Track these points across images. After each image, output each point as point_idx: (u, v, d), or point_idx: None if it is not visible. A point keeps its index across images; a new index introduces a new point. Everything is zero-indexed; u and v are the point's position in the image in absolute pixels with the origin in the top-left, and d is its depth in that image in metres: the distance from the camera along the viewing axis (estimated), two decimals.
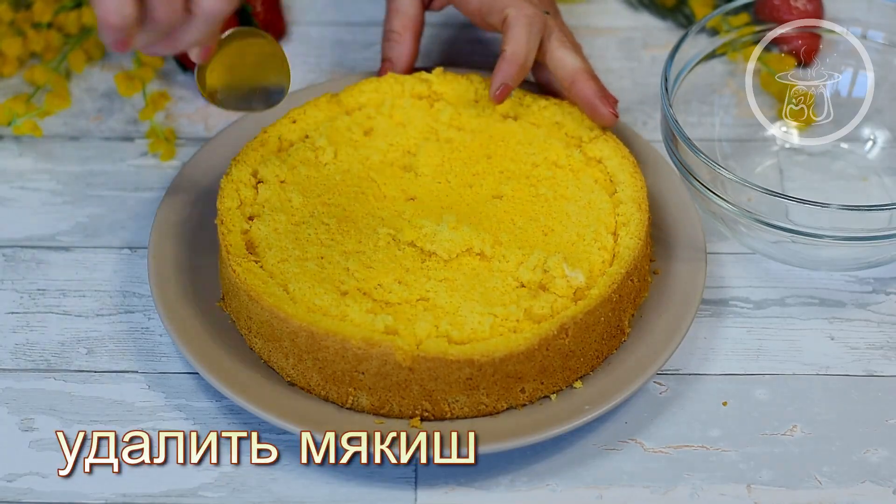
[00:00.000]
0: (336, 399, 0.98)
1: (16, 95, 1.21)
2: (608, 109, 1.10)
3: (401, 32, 1.17)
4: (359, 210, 1.06)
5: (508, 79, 1.10)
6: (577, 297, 1.00)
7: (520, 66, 1.10)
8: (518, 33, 1.10)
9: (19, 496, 0.97)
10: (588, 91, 1.10)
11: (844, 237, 1.04)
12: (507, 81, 1.10)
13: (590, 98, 1.10)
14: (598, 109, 1.10)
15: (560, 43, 1.11)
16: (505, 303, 0.99)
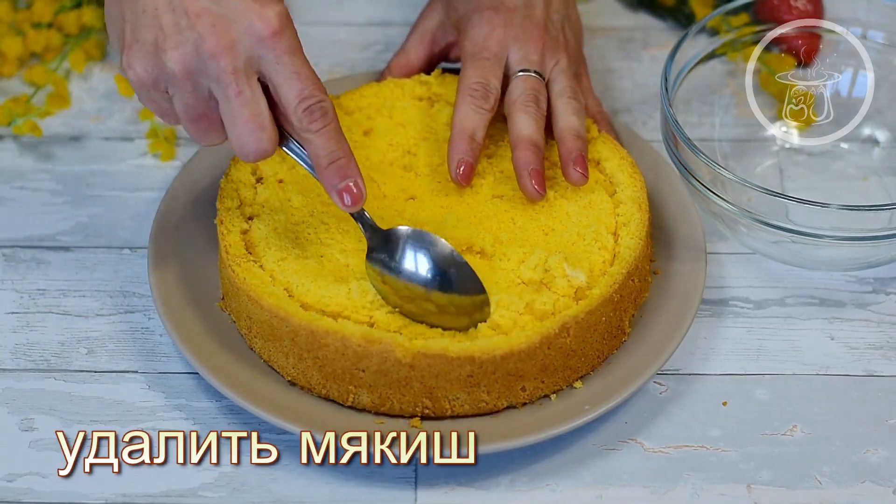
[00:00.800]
0: (336, 397, 0.98)
1: (16, 95, 1.21)
2: (532, 184, 1.03)
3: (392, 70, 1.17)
4: None
5: (460, 152, 1.05)
6: (577, 296, 1.00)
7: (468, 137, 1.06)
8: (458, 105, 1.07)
9: (19, 496, 0.97)
10: (519, 161, 1.04)
11: (844, 237, 1.04)
12: (460, 155, 1.05)
13: (518, 168, 1.04)
14: (522, 180, 1.04)
15: (522, 106, 1.06)
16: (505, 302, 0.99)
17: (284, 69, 0.93)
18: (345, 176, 0.95)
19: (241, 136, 0.93)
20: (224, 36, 0.91)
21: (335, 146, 0.95)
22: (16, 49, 1.24)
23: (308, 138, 0.94)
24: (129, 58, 0.93)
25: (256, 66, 0.93)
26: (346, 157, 0.95)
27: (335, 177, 0.95)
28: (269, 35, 0.92)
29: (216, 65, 0.91)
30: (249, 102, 0.92)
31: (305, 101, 0.93)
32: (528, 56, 1.09)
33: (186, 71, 0.92)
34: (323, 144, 0.94)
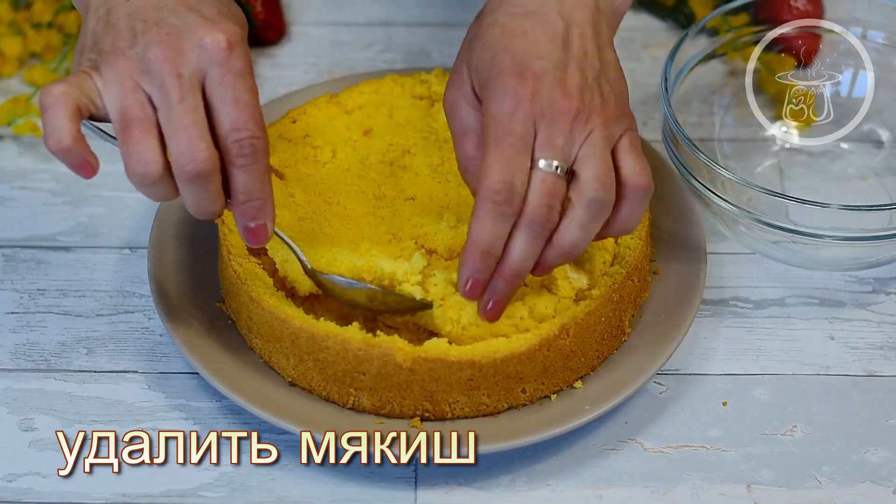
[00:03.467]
0: (337, 399, 0.98)
1: (16, 96, 1.21)
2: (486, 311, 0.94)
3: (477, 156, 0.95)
4: (358, 209, 1.06)
5: (474, 272, 0.92)
6: (578, 297, 1.00)
7: (483, 254, 0.92)
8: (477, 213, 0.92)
9: (19, 496, 0.97)
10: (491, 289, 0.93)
11: (844, 237, 1.04)
12: (474, 275, 0.92)
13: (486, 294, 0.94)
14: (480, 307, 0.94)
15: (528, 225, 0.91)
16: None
17: (225, 92, 0.90)
18: (255, 217, 0.94)
19: (179, 144, 0.89)
20: (174, 44, 0.90)
21: (256, 186, 0.92)
22: (16, 49, 1.24)
23: (231, 170, 0.92)
24: (82, 60, 0.92)
25: (200, 81, 0.91)
26: (263, 199, 0.93)
27: (247, 216, 0.93)
28: (216, 53, 0.90)
29: (160, 69, 0.90)
30: (192, 110, 0.90)
31: (238, 133, 0.91)
32: (552, 140, 0.92)
33: (128, 74, 0.90)
34: (244, 181, 0.92)
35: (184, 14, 0.91)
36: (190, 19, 0.91)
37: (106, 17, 0.92)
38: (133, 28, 0.91)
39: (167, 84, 0.90)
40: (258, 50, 1.30)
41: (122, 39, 0.91)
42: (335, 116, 1.13)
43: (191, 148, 0.90)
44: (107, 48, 0.91)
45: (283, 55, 1.30)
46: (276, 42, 1.31)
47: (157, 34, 0.90)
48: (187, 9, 0.92)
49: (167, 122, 0.90)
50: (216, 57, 0.90)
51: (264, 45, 1.30)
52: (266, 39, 1.30)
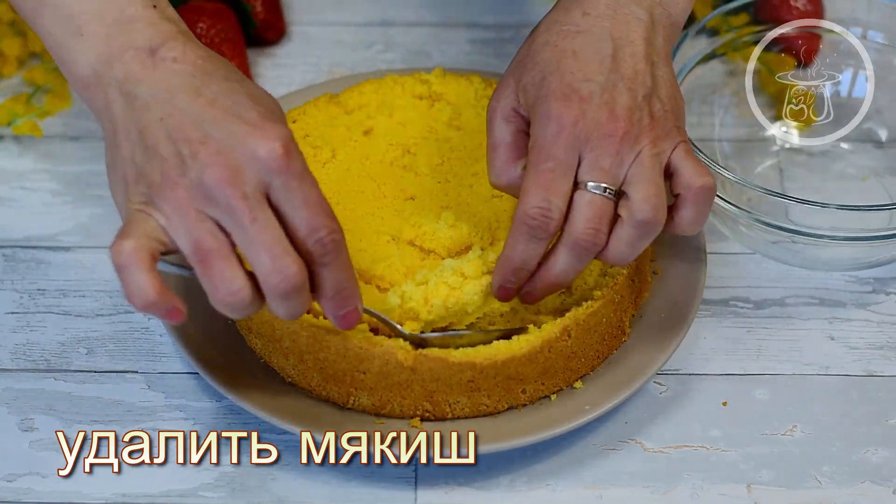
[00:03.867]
0: (337, 399, 0.98)
1: (16, 95, 1.21)
2: None
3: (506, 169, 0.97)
4: (358, 209, 1.06)
5: (505, 282, 0.95)
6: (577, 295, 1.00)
7: (514, 269, 0.95)
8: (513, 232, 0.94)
9: (19, 496, 0.97)
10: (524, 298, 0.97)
11: (844, 237, 1.04)
12: (505, 284, 0.96)
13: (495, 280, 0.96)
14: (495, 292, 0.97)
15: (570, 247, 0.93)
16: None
17: (294, 197, 0.87)
18: (346, 306, 0.91)
19: (265, 265, 0.86)
20: (229, 163, 0.85)
21: (343, 276, 0.90)
22: (16, 49, 1.24)
23: (316, 270, 0.89)
24: (133, 195, 0.88)
25: (265, 193, 0.86)
26: (351, 286, 0.91)
27: (338, 306, 0.91)
28: (274, 161, 0.86)
29: (224, 193, 0.85)
30: (267, 227, 0.86)
31: (317, 233, 0.87)
32: (598, 162, 0.92)
33: (191, 206, 0.86)
34: (331, 277, 0.89)
35: (226, 124, 0.87)
36: (234, 128, 0.86)
37: (142, 142, 0.87)
38: (179, 153, 0.86)
39: (234, 207, 0.85)
40: (258, 50, 1.30)
41: (171, 168, 0.86)
42: (335, 116, 1.13)
43: (278, 266, 0.86)
44: (156, 179, 0.86)
45: (283, 55, 1.30)
46: (276, 42, 1.31)
47: (208, 155, 0.85)
48: (228, 116, 0.87)
49: (246, 245, 0.86)
50: (275, 166, 0.86)
51: (264, 45, 1.30)
52: (266, 39, 1.30)
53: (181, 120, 0.87)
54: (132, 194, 0.88)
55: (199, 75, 0.88)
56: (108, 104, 0.89)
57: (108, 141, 0.90)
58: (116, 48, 0.89)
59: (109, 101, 0.89)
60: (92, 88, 0.89)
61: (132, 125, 0.88)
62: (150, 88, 0.88)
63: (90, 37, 0.89)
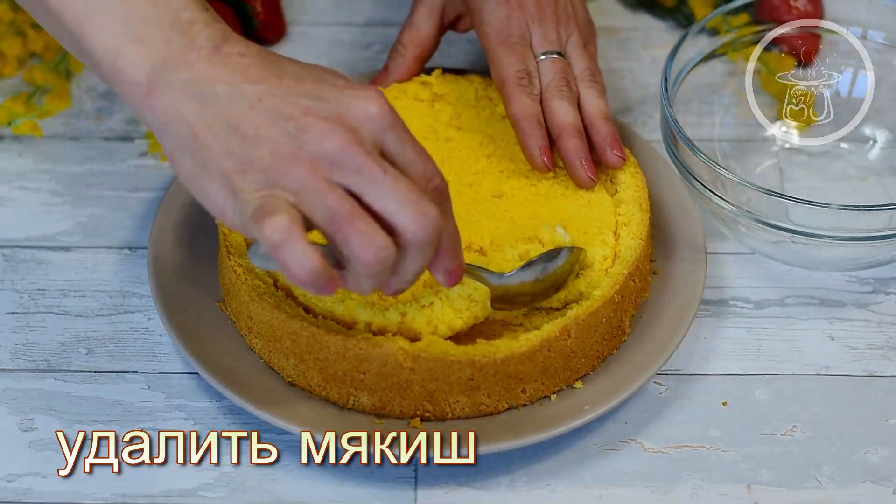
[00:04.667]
0: (337, 399, 0.98)
1: (16, 95, 1.21)
2: (585, 173, 1.06)
3: (406, 46, 1.15)
4: None
5: (534, 138, 1.07)
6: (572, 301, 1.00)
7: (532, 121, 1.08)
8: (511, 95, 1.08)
9: (19, 496, 0.97)
10: (569, 151, 1.06)
11: (844, 237, 1.04)
12: (540, 143, 1.07)
13: (569, 157, 1.06)
14: (575, 170, 1.06)
15: (557, 92, 1.08)
16: None
17: (407, 148, 0.88)
18: (457, 257, 0.91)
19: (405, 214, 0.85)
20: (343, 126, 0.86)
21: (454, 226, 0.91)
22: (16, 49, 1.24)
23: None
24: (245, 185, 0.85)
25: (380, 148, 0.87)
26: (457, 237, 0.91)
27: (451, 258, 0.90)
28: (385, 117, 0.87)
29: (350, 156, 0.85)
30: (398, 178, 0.86)
31: (432, 181, 0.88)
32: (547, 36, 1.10)
33: (317, 176, 0.85)
34: (447, 225, 0.90)
35: (324, 93, 0.87)
36: (333, 95, 0.87)
37: (236, 133, 0.86)
38: (286, 131, 0.85)
39: (363, 166, 0.85)
40: None
41: (283, 145, 0.85)
42: None
43: (422, 209, 0.86)
44: (268, 161, 0.85)
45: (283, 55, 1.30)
46: (276, 42, 1.31)
47: (319, 124, 0.85)
48: (322, 86, 0.88)
49: (382, 199, 0.86)
50: (386, 121, 0.87)
51: (264, 45, 1.30)
52: (266, 39, 1.30)
53: (274, 102, 0.86)
54: (244, 185, 0.85)
55: (269, 63, 0.89)
56: (178, 109, 0.86)
57: (186, 147, 0.87)
58: (178, 50, 0.87)
59: (179, 106, 0.86)
60: (155, 94, 0.87)
61: (217, 121, 0.86)
62: (227, 84, 0.87)
63: (150, 41, 0.87)
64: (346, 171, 0.85)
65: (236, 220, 0.86)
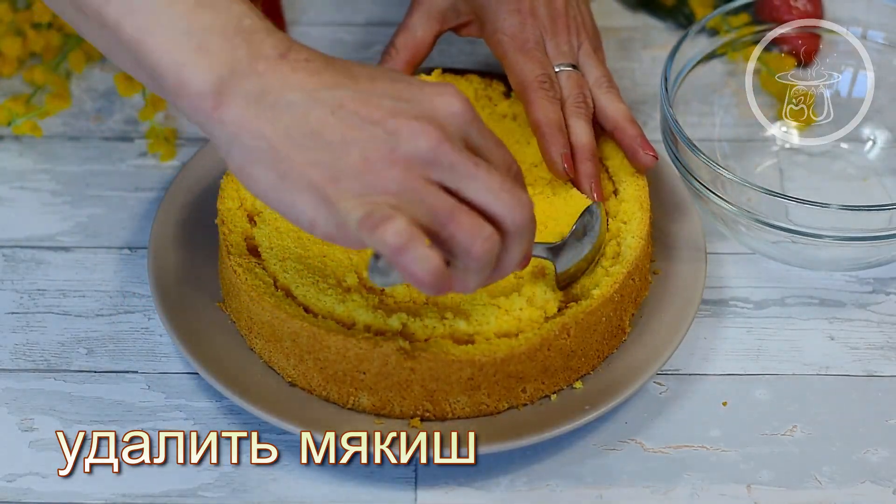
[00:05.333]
0: (337, 399, 0.98)
1: (16, 95, 1.21)
2: (593, 195, 1.06)
3: (399, 49, 1.12)
4: None
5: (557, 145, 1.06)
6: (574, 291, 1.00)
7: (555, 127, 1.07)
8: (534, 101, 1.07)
9: (19, 496, 0.97)
10: (582, 174, 1.06)
11: (844, 237, 1.04)
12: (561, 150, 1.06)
13: (581, 180, 1.06)
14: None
15: (575, 109, 1.08)
16: (506, 292, 0.99)
17: (488, 140, 0.88)
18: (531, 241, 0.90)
19: (503, 203, 0.86)
20: (432, 125, 0.85)
21: None
22: (16, 49, 1.24)
23: None
24: (340, 194, 0.84)
25: (465, 142, 0.87)
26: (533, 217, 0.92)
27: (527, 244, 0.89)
28: (469, 112, 0.87)
29: (444, 153, 0.85)
30: (490, 170, 0.86)
31: (512, 168, 0.90)
32: (560, 47, 1.10)
33: (413, 176, 0.84)
34: None
35: (404, 92, 0.87)
36: (414, 94, 0.87)
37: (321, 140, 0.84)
38: (374, 133, 0.84)
39: (457, 162, 0.85)
40: None
41: (374, 149, 0.84)
42: None
43: (517, 197, 0.86)
44: (361, 166, 0.84)
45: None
46: None
47: (408, 124, 0.85)
48: (399, 85, 0.87)
49: (479, 192, 0.86)
50: (469, 117, 0.87)
51: None
52: None
53: (356, 105, 0.85)
54: (338, 194, 0.84)
55: (339, 67, 0.87)
56: (250, 120, 0.84)
57: (262, 159, 0.84)
58: (245, 60, 0.85)
59: (251, 117, 0.84)
60: (224, 106, 0.84)
61: (296, 130, 0.84)
62: (301, 91, 0.85)
63: (215, 52, 0.84)
64: (440, 168, 0.85)
65: (331, 229, 0.85)
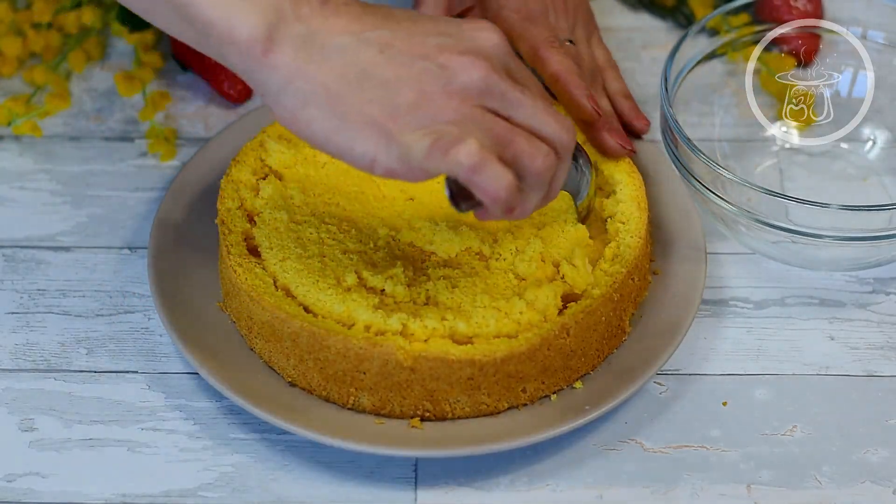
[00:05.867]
0: (337, 399, 0.98)
1: (16, 95, 1.21)
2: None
3: None
4: (358, 210, 1.06)
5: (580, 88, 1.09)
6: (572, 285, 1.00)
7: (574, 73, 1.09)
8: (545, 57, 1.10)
9: (19, 496, 0.97)
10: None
11: (844, 237, 1.04)
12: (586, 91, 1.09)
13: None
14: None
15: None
16: (507, 296, 0.99)
17: (524, 70, 0.93)
18: None
19: (552, 124, 0.91)
20: (479, 57, 0.89)
21: None
22: (16, 49, 1.24)
23: None
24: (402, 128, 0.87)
25: (507, 73, 0.92)
26: None
27: None
28: (506, 44, 0.92)
29: (495, 83, 0.89)
30: (535, 96, 0.91)
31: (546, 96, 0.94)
32: (559, 24, 1.13)
33: (469, 106, 0.88)
34: None
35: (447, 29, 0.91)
36: (456, 30, 0.91)
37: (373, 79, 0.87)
38: (426, 69, 0.88)
39: (507, 90, 0.90)
40: None
41: (429, 84, 0.88)
42: None
43: (561, 121, 0.92)
44: (418, 101, 0.88)
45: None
46: None
47: (458, 58, 0.89)
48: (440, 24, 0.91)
49: (529, 117, 0.91)
50: (507, 47, 0.92)
51: None
52: None
53: (404, 44, 0.89)
54: (400, 129, 0.87)
55: (378, 10, 0.91)
56: (301, 64, 0.87)
57: (316, 102, 0.87)
58: (289, 6, 0.87)
59: (302, 61, 0.87)
60: (275, 51, 0.87)
61: (350, 72, 0.88)
62: (348, 34, 0.88)
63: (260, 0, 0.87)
64: (493, 97, 0.89)
65: (393, 163, 0.87)
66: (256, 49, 0.87)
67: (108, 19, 1.26)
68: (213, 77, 1.22)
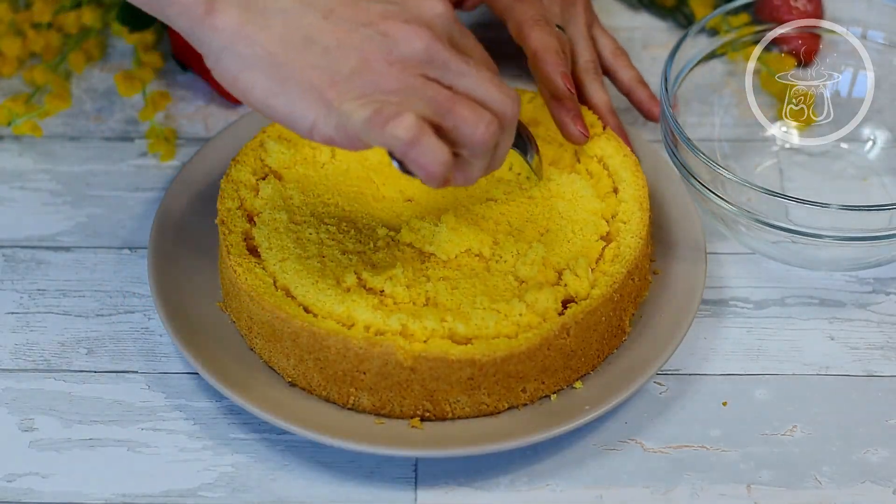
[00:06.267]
0: (337, 399, 0.98)
1: (16, 95, 1.21)
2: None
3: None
4: (358, 210, 1.06)
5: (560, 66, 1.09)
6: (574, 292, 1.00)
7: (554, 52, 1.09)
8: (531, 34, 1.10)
9: (19, 496, 0.97)
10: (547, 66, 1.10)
11: (844, 237, 1.04)
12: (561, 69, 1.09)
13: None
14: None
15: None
16: (507, 298, 0.99)
17: (469, 39, 0.93)
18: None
19: (496, 94, 0.90)
20: (420, 25, 0.89)
21: None
22: (16, 49, 1.24)
23: None
24: (342, 95, 0.87)
25: (451, 42, 0.91)
26: None
27: None
28: (450, 12, 0.91)
29: (437, 52, 0.89)
30: (478, 66, 0.91)
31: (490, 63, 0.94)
32: (552, 8, 1.14)
33: (411, 75, 0.88)
34: None
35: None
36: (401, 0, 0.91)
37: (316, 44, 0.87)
38: (369, 36, 0.88)
39: (449, 59, 0.89)
40: None
41: (371, 52, 0.88)
42: None
43: (504, 90, 0.91)
44: (360, 68, 0.87)
45: None
46: None
47: (400, 26, 0.88)
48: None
49: (471, 86, 0.90)
50: (451, 16, 0.91)
51: None
52: None
53: (347, 10, 0.89)
54: (339, 96, 0.87)
55: None
56: (244, 27, 0.87)
57: (258, 65, 0.87)
58: None
59: (245, 23, 0.87)
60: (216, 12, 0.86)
61: (292, 36, 0.87)
62: None
63: None
64: (435, 66, 0.89)
65: (330, 131, 0.87)
66: (199, 9, 0.87)
67: (108, 19, 1.26)
68: None
